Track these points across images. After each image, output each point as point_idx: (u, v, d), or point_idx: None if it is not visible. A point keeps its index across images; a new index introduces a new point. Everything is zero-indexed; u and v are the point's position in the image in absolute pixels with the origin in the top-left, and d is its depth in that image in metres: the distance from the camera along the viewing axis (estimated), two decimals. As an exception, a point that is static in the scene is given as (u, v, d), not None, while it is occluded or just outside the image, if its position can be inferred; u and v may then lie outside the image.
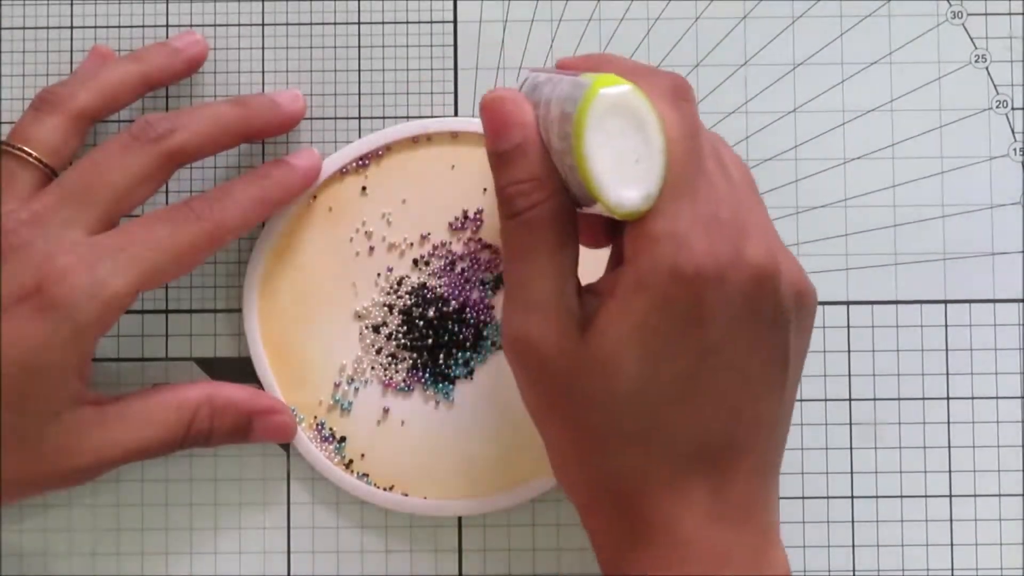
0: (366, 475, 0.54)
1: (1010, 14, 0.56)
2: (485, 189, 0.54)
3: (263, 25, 0.56)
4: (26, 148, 0.50)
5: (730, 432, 0.44)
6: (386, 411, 0.54)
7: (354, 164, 0.54)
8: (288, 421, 0.53)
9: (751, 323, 0.43)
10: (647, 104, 0.42)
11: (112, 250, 0.48)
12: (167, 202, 0.55)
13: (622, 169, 0.42)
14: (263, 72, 0.56)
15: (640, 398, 0.43)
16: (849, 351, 0.55)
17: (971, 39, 0.56)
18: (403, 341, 0.54)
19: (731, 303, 0.42)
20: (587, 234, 0.48)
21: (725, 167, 0.44)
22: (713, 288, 0.42)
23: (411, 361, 0.54)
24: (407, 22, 0.56)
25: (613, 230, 0.48)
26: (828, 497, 0.55)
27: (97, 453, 0.49)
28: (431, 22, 0.56)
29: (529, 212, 0.44)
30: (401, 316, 0.54)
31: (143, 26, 0.56)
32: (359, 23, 0.56)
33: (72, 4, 0.56)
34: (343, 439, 0.54)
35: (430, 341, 0.54)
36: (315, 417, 0.54)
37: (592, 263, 0.48)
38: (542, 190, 0.44)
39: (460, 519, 0.55)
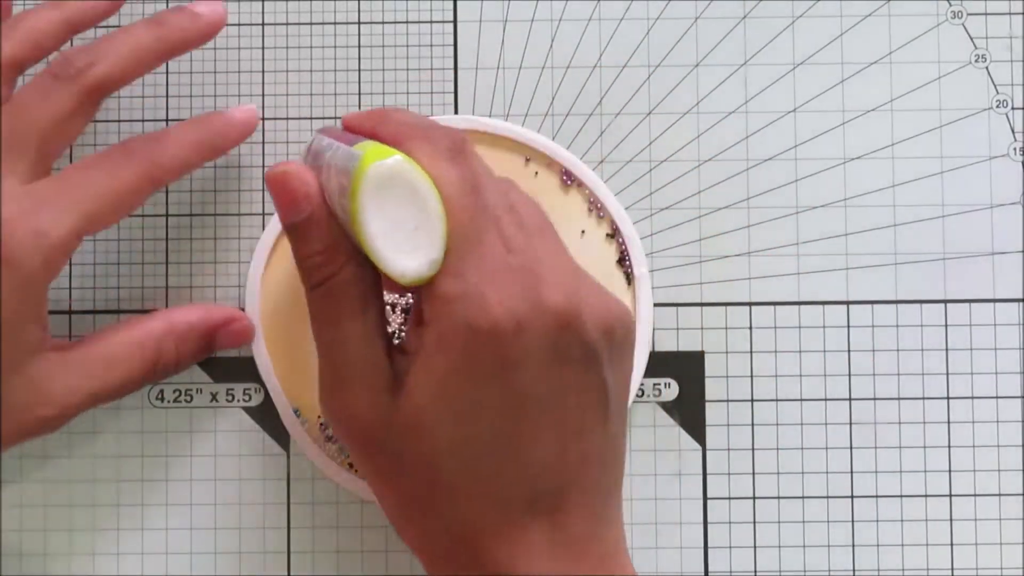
0: (369, 474, 0.54)
1: (1010, 14, 0.56)
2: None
3: (263, 25, 0.56)
4: None
5: (557, 473, 0.43)
6: (388, 410, 0.54)
7: (355, 164, 0.54)
8: (247, 325, 0.53)
9: (560, 367, 0.43)
10: (417, 171, 0.42)
11: (51, 197, 0.47)
12: (167, 218, 0.55)
13: (402, 238, 0.42)
14: (263, 72, 0.56)
15: (459, 453, 0.43)
16: (849, 351, 0.55)
17: (971, 39, 0.56)
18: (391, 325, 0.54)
19: (535, 351, 0.42)
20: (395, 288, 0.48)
21: (515, 213, 0.44)
22: (513, 339, 0.42)
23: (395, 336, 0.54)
24: (407, 22, 0.56)
25: None
26: (828, 497, 0.55)
27: (63, 401, 0.48)
28: (431, 22, 0.56)
29: (328, 282, 0.45)
30: (403, 315, 0.54)
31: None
32: (359, 23, 0.56)
33: (72, 4, 0.56)
34: (345, 438, 0.54)
35: (432, 340, 0.54)
36: (318, 417, 0.54)
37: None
38: (336, 259, 0.44)
39: (460, 519, 0.55)
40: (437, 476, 0.43)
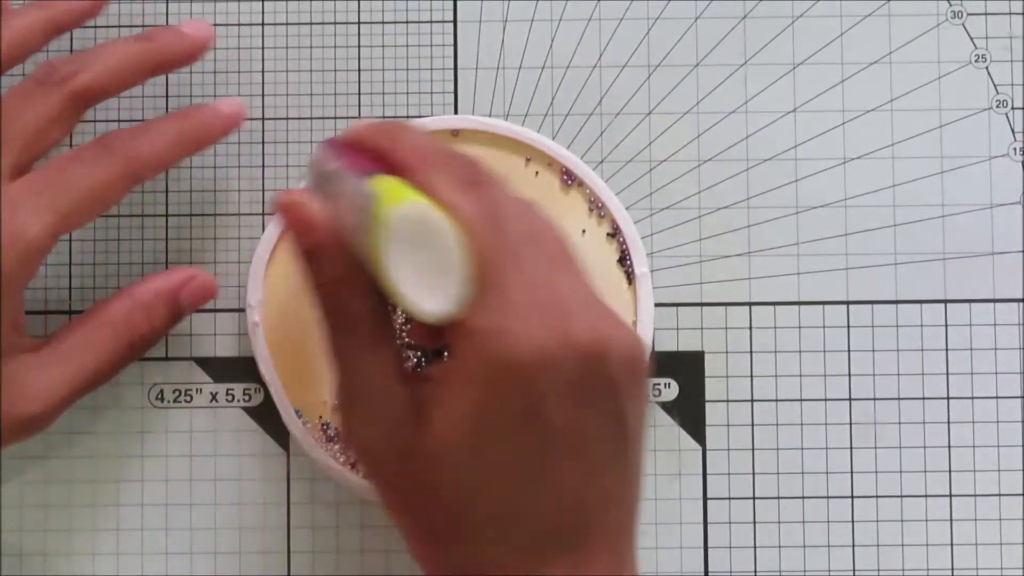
0: (370, 474, 0.54)
1: (1010, 14, 0.56)
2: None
3: (263, 25, 0.56)
4: None
5: (580, 510, 0.43)
6: (389, 409, 0.54)
7: (355, 163, 0.55)
8: (207, 279, 0.52)
9: (585, 402, 0.42)
10: (435, 212, 0.41)
11: (28, 195, 0.47)
12: (167, 218, 0.55)
13: (423, 279, 0.41)
14: (263, 72, 0.56)
15: (483, 488, 0.42)
16: (849, 351, 0.55)
17: (971, 39, 0.56)
18: (406, 340, 0.54)
19: (561, 385, 0.41)
20: (413, 331, 0.48)
21: (538, 241, 0.43)
22: (541, 375, 0.41)
23: (415, 360, 0.54)
24: (407, 22, 0.56)
25: None
26: (828, 497, 0.55)
27: (44, 396, 0.48)
28: (431, 22, 0.56)
29: (342, 311, 0.44)
30: (404, 314, 0.54)
31: (143, 26, 0.56)
32: (359, 23, 0.56)
33: (72, 4, 0.56)
34: (347, 438, 0.54)
35: (433, 339, 0.54)
36: (320, 417, 0.54)
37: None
38: (350, 290, 0.44)
39: (460, 519, 0.55)
40: (459, 511, 0.42)
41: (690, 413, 0.55)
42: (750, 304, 0.55)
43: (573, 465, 0.42)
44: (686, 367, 0.55)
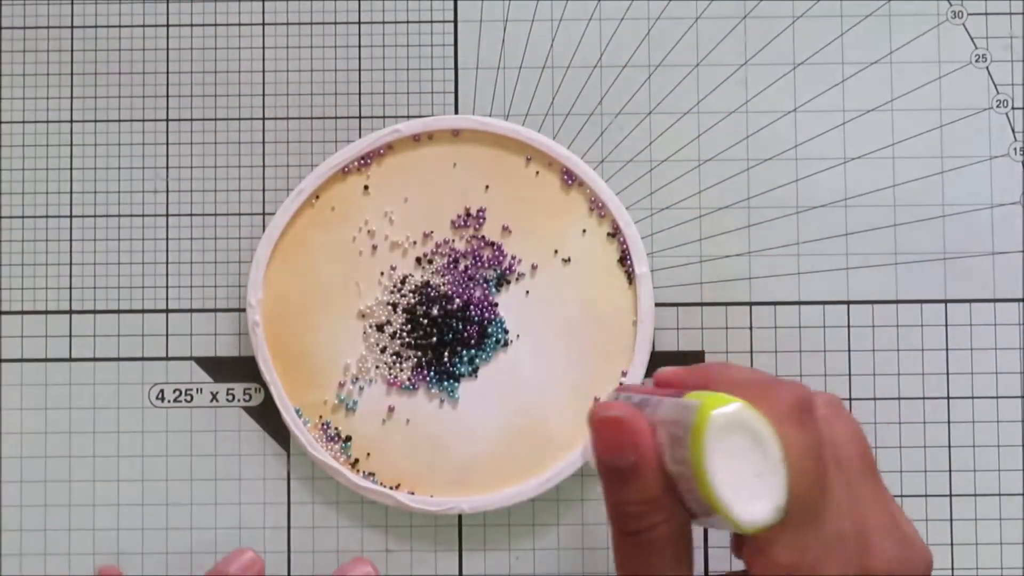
0: (372, 474, 0.54)
1: (1010, 14, 0.56)
2: (487, 186, 0.55)
3: (263, 25, 0.56)
4: None
5: None
6: (391, 410, 0.54)
7: (356, 163, 0.55)
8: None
9: None
10: (759, 418, 0.41)
11: None
12: (167, 218, 0.55)
13: (745, 486, 0.41)
14: (263, 72, 0.56)
15: None
16: (849, 351, 0.55)
17: (971, 39, 0.56)
18: (407, 340, 0.54)
19: None
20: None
21: (846, 465, 0.43)
22: None
23: (416, 359, 0.54)
24: (407, 22, 0.56)
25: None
26: (828, 497, 0.55)
27: None
28: (431, 22, 0.56)
29: (643, 534, 0.43)
30: (405, 314, 0.54)
31: (143, 26, 0.56)
32: (359, 23, 0.56)
33: (72, 4, 0.56)
34: (348, 438, 0.54)
35: (434, 339, 0.54)
36: (320, 417, 0.54)
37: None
38: (659, 512, 0.43)
39: (460, 518, 0.55)
40: None
41: (690, 413, 0.55)
42: (750, 304, 0.55)
43: None
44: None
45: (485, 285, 0.54)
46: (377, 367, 0.54)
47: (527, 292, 0.54)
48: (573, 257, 0.55)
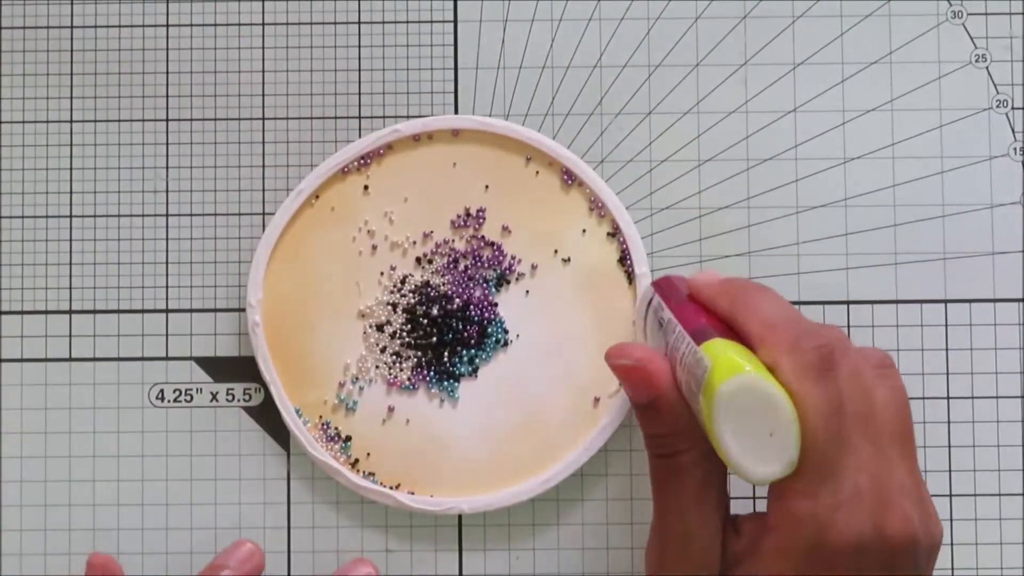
0: (372, 474, 0.54)
1: (1010, 14, 0.56)
2: (487, 186, 0.55)
3: (263, 25, 0.56)
4: None
5: None
6: (391, 410, 0.54)
7: (356, 163, 0.55)
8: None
9: None
10: (769, 381, 0.42)
11: None
12: (167, 218, 0.55)
13: (755, 443, 0.42)
14: (263, 72, 0.56)
15: None
16: (849, 351, 0.55)
17: (971, 39, 0.56)
18: (407, 339, 0.54)
19: (872, 569, 0.43)
20: None
21: (872, 422, 0.44)
22: (851, 561, 0.42)
23: (416, 359, 0.54)
24: (407, 22, 0.56)
25: None
26: (828, 497, 0.55)
27: None
28: (431, 22, 0.56)
29: (672, 458, 0.46)
30: (405, 314, 0.54)
31: (143, 26, 0.56)
32: (359, 23, 0.56)
33: (72, 4, 0.56)
34: (348, 438, 0.54)
35: (434, 339, 0.54)
36: (320, 417, 0.54)
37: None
38: (683, 441, 0.46)
39: (460, 518, 0.55)
40: None
41: (690, 413, 0.55)
42: (750, 304, 0.55)
43: None
44: (686, 367, 0.55)
45: (485, 285, 0.54)
46: (377, 367, 0.54)
47: (527, 292, 0.54)
48: (573, 257, 0.55)
